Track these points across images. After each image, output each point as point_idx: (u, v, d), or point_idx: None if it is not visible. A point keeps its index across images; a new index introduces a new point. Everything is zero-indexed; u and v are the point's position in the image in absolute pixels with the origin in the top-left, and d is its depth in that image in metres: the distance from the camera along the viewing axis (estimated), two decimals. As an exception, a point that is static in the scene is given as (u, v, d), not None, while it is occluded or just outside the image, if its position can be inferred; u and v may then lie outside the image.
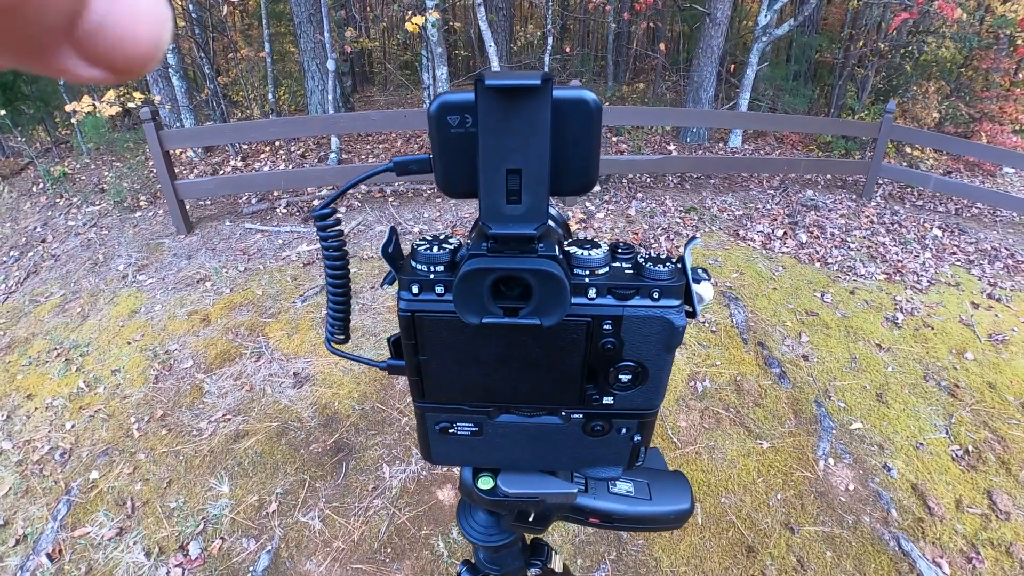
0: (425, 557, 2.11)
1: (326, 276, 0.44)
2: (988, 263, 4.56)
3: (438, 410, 0.44)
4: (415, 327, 0.39)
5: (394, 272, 0.40)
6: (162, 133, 4.35)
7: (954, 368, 3.20)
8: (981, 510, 2.33)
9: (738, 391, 2.95)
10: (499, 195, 0.33)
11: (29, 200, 5.63)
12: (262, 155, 6.56)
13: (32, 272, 4.33)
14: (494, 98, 0.30)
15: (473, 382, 0.42)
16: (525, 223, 0.33)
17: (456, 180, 0.35)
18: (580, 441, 0.45)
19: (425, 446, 0.47)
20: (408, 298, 0.38)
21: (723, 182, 6.21)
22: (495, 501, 0.50)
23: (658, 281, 0.38)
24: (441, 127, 0.33)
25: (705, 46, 7.37)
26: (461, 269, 0.34)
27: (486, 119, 0.30)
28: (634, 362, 0.41)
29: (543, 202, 0.33)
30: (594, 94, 0.33)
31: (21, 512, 2.33)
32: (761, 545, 2.17)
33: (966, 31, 7.58)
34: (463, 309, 0.35)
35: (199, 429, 2.70)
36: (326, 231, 0.42)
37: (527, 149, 0.31)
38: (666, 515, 0.55)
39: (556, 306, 0.34)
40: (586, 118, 0.33)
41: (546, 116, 0.30)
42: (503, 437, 0.45)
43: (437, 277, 0.38)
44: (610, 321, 0.39)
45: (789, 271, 4.26)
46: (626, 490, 0.55)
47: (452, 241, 0.40)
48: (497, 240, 0.34)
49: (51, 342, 3.42)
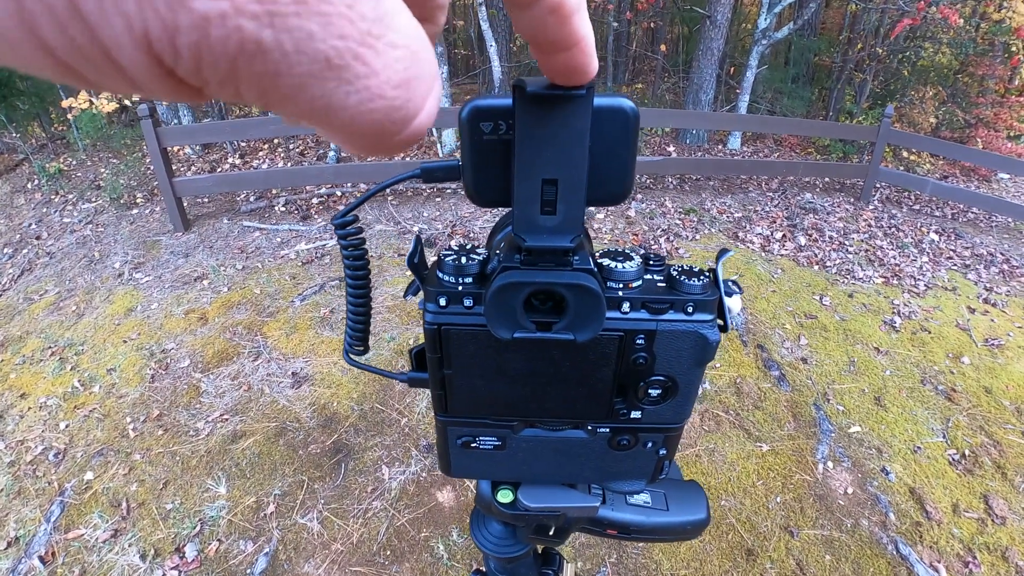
0: (424, 559, 2.10)
1: (346, 286, 0.43)
2: (984, 268, 4.58)
3: (461, 424, 0.43)
4: (441, 340, 0.38)
5: (419, 282, 0.38)
6: (160, 130, 4.32)
7: (951, 372, 3.21)
8: (977, 514, 2.33)
9: (738, 393, 2.95)
10: (534, 205, 0.32)
11: (24, 196, 5.59)
12: (260, 153, 6.53)
13: (26, 269, 4.30)
14: (535, 106, 0.29)
15: (499, 396, 0.41)
16: (560, 235, 0.32)
17: (487, 188, 0.34)
18: (605, 455, 0.45)
19: (445, 460, 0.46)
20: (435, 310, 0.37)
21: (722, 184, 6.22)
22: (515, 515, 0.50)
23: (692, 295, 0.38)
24: (473, 133, 0.32)
25: (705, 48, 7.38)
26: (494, 282, 0.33)
27: (524, 127, 0.29)
28: (665, 376, 0.40)
29: (579, 213, 0.32)
30: (631, 101, 0.32)
31: (13, 514, 2.30)
32: (761, 548, 2.17)
33: (962, 38, 7.63)
34: (495, 323, 0.34)
35: (196, 429, 2.68)
36: (347, 239, 0.41)
37: (565, 159, 0.30)
38: (683, 525, 0.54)
39: (592, 321, 0.33)
40: (624, 126, 0.32)
41: (586, 125, 0.29)
42: (526, 451, 0.44)
43: (466, 289, 0.37)
44: (643, 336, 0.38)
45: (788, 274, 4.27)
46: (643, 501, 0.54)
47: (480, 252, 0.39)
48: (531, 252, 0.33)
49: (45, 340, 3.39)
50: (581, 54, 0.23)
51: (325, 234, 4.61)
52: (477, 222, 4.86)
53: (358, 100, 0.14)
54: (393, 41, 0.14)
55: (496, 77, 6.65)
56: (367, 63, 0.13)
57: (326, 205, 5.18)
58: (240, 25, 0.11)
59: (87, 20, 0.10)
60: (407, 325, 3.39)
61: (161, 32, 0.11)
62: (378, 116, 0.14)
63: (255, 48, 0.12)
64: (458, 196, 5.37)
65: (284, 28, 0.12)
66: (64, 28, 0.10)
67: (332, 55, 0.13)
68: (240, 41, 0.11)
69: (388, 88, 0.14)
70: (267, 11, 0.11)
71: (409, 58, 0.14)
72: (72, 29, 0.11)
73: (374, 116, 0.14)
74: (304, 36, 0.12)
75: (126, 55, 0.11)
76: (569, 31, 0.21)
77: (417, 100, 0.15)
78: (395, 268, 4.10)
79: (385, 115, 0.15)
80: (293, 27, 0.12)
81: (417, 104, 0.15)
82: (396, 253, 4.31)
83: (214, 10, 0.11)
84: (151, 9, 0.10)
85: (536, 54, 0.24)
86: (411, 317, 3.47)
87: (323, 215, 4.98)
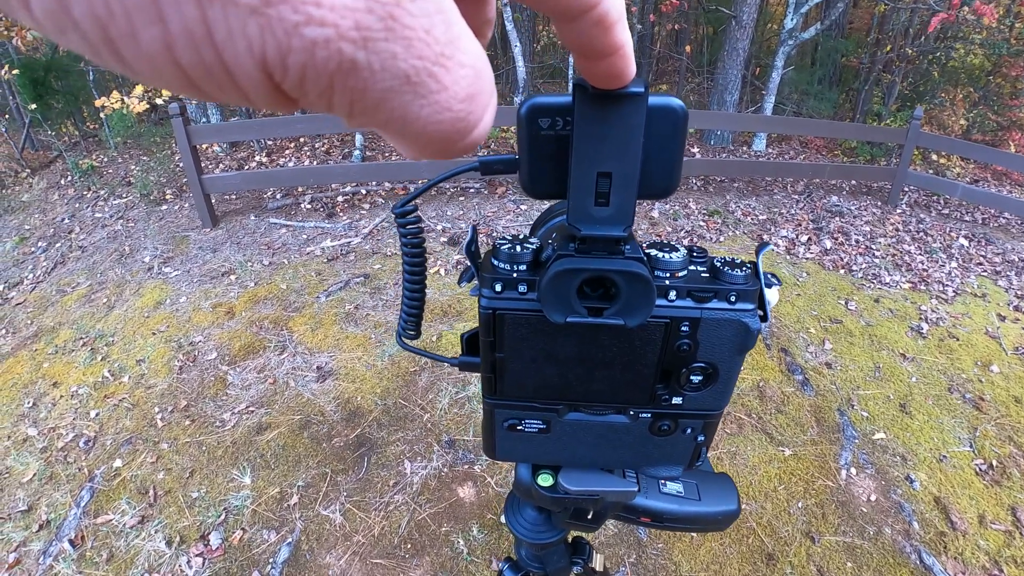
0: (445, 554, 2.12)
1: (404, 272, 0.45)
2: (1015, 275, 4.47)
3: (508, 407, 0.45)
4: (495, 324, 0.39)
5: (473, 270, 0.40)
6: (190, 128, 4.42)
7: (979, 381, 3.15)
8: (1005, 527, 2.28)
9: (761, 397, 2.93)
10: (588, 197, 0.33)
11: (58, 192, 5.75)
12: (287, 151, 6.63)
13: (59, 262, 4.43)
14: (595, 103, 0.30)
15: (547, 380, 0.42)
16: (613, 225, 0.34)
17: (542, 181, 0.36)
18: (645, 440, 0.46)
19: (490, 442, 0.47)
20: (490, 295, 0.39)
21: (747, 186, 6.16)
22: (555, 499, 0.51)
23: (734, 285, 0.39)
24: (532, 128, 0.34)
25: (730, 49, 7.32)
26: (550, 268, 0.35)
27: (583, 123, 0.31)
28: (706, 363, 0.41)
29: (631, 205, 0.34)
30: (681, 101, 0.34)
31: (45, 498, 2.38)
32: (781, 553, 2.15)
33: (995, 38, 7.45)
34: (550, 308, 0.36)
35: (222, 420, 2.74)
36: (406, 227, 0.43)
37: (620, 153, 0.32)
38: (715, 516, 0.55)
39: (642, 307, 0.35)
40: (674, 124, 0.34)
41: (641, 122, 0.31)
42: (570, 435, 0.46)
43: (520, 276, 0.38)
44: (688, 323, 0.39)
45: (813, 277, 4.22)
46: (676, 491, 0.55)
47: (532, 241, 0.41)
48: (585, 241, 0.35)
49: (77, 331, 3.49)
50: (621, 60, 0.25)
51: (350, 231, 4.67)
52: (500, 221, 4.88)
53: (429, 112, 0.16)
54: (461, 61, 0.16)
55: (520, 77, 6.66)
56: (439, 80, 0.16)
57: (351, 203, 5.25)
58: (340, 48, 0.13)
59: (216, 44, 0.13)
60: (429, 323, 3.42)
61: (276, 53, 0.13)
62: (445, 127, 0.17)
63: (350, 67, 0.14)
64: (481, 196, 5.39)
65: (375, 50, 0.14)
66: (196, 50, 0.13)
67: (411, 73, 0.15)
68: (339, 61, 0.14)
69: (455, 102, 0.16)
70: (362, 36, 0.13)
71: (473, 76, 0.17)
72: (203, 51, 0.13)
73: (442, 127, 0.17)
74: (389, 56, 0.14)
75: (244, 72, 0.13)
76: (612, 40, 0.23)
77: (478, 112, 0.17)
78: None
79: (451, 125, 0.17)
80: (382, 49, 0.14)
81: (478, 116, 0.17)
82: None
83: (321, 36, 0.13)
84: (270, 34, 0.13)
85: (579, 60, 0.26)
86: (434, 315, 3.50)
87: (348, 213, 5.05)
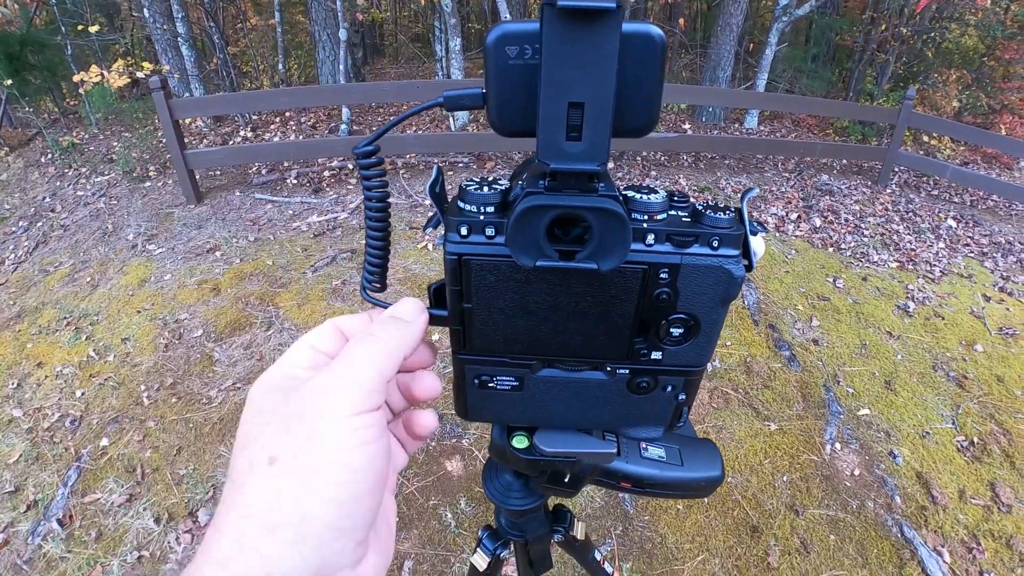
0: (432, 527, 2.13)
1: (365, 220, 0.42)
2: (1002, 256, 4.51)
3: (479, 362, 0.43)
4: (462, 271, 0.37)
5: (439, 214, 0.38)
6: (172, 102, 4.31)
7: (963, 359, 3.18)
8: (984, 501, 2.33)
9: (747, 372, 2.94)
10: (559, 129, 0.31)
11: (37, 170, 5.62)
12: (272, 126, 6.51)
13: (41, 242, 4.34)
14: (564, 22, 0.28)
15: (519, 332, 0.40)
16: (586, 160, 0.31)
17: (511, 115, 0.33)
18: (623, 398, 0.44)
19: (462, 401, 0.46)
20: (456, 240, 0.36)
21: (738, 163, 6.15)
22: (530, 461, 0.50)
23: (717, 228, 0.36)
24: (499, 57, 0.31)
25: (724, 24, 7.24)
26: (518, 206, 0.32)
27: (551, 46, 0.29)
28: (687, 315, 0.39)
29: (605, 139, 0.31)
30: (659, 29, 0.31)
31: (32, 478, 2.35)
32: (766, 525, 2.18)
33: (990, 20, 7.40)
34: (517, 250, 0.33)
35: (209, 397, 2.72)
36: (368, 169, 0.40)
37: (592, 81, 0.29)
38: (697, 481, 0.54)
39: (616, 249, 0.33)
40: (651, 54, 0.31)
41: (615, 45, 0.28)
42: (544, 393, 0.44)
43: (488, 219, 0.36)
44: (667, 270, 0.37)
45: (802, 255, 4.23)
46: (658, 455, 0.54)
47: (502, 183, 0.38)
48: (556, 177, 0.32)
49: (61, 311, 3.43)
50: None
51: (337, 207, 4.61)
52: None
53: None
54: None
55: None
56: None
57: (338, 178, 5.17)
58: None
59: None
60: (419, 295, 3.39)
61: None
62: None
63: None
64: (470, 171, 5.34)
65: None
66: None
67: None
68: None
69: None
70: None
71: None
72: None
73: None
74: None
75: None
76: None
77: None
78: (407, 241, 4.10)
79: None
80: None
81: None
82: (408, 226, 4.31)
83: None
84: None
85: None
86: (422, 289, 3.48)
87: (335, 188, 4.98)
